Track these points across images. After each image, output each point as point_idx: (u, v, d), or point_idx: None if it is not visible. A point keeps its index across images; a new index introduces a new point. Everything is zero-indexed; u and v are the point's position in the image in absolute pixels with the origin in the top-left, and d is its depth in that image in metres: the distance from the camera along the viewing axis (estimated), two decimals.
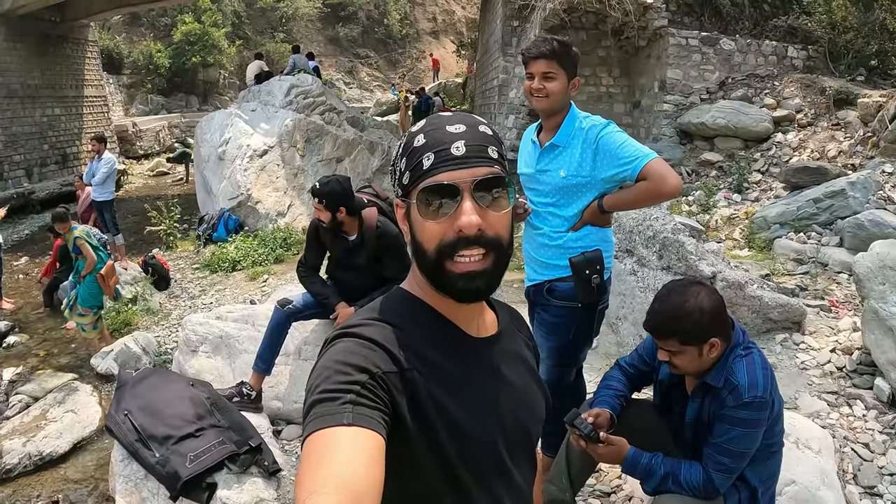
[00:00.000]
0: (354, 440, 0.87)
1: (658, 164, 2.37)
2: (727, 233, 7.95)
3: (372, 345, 1.01)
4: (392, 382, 0.99)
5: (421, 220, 1.04)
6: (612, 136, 2.45)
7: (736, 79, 10.68)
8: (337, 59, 38.73)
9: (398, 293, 1.16)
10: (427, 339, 1.08)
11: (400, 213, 1.13)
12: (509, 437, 1.14)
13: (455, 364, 1.09)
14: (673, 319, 2.04)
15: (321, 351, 1.05)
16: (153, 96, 28.19)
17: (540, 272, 2.68)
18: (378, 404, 0.94)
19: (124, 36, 29.25)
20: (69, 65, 17.81)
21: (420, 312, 1.12)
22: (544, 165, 2.60)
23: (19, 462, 4.83)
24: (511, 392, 1.17)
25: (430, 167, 1.03)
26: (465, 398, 1.07)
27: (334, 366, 0.97)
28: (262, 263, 8.79)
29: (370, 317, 1.08)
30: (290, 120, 11.18)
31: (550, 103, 2.52)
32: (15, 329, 8.23)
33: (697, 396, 2.18)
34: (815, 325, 4.42)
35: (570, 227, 2.57)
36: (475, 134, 1.06)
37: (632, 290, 4.56)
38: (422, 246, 1.06)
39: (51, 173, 16.64)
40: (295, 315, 3.78)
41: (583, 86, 12.34)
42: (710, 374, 2.12)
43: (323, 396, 0.92)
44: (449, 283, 1.05)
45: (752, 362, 2.07)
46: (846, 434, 3.30)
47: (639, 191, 2.42)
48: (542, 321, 2.73)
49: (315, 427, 0.89)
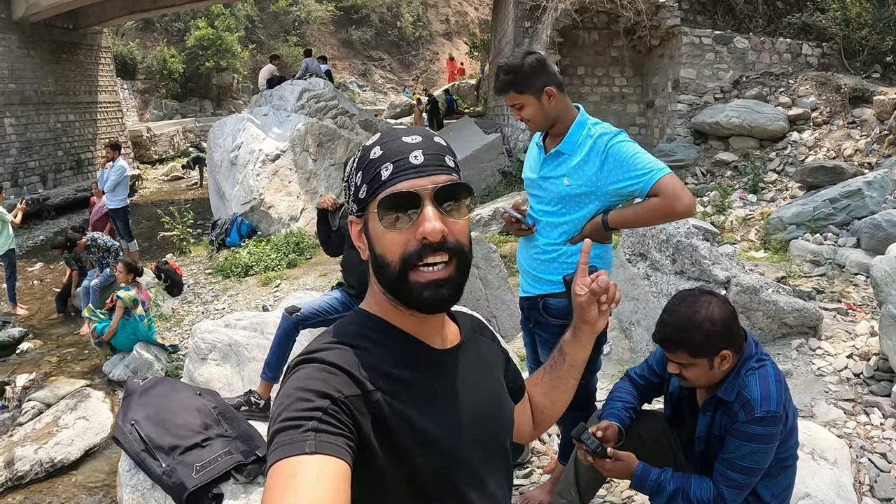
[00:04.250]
0: (318, 468, 0.86)
1: (672, 181, 2.24)
2: (742, 234, 7.85)
3: (333, 369, 0.99)
4: (355, 406, 0.97)
5: (381, 232, 1.03)
6: (624, 146, 2.32)
7: (750, 77, 10.56)
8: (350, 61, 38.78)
9: (357, 314, 1.15)
10: (390, 356, 1.06)
11: (356, 230, 1.11)
12: (481, 446, 1.14)
13: (421, 379, 1.08)
14: (683, 331, 1.97)
15: (283, 378, 1.02)
16: (167, 101, 28.35)
17: (533, 285, 2.59)
18: (341, 430, 0.92)
19: (138, 41, 29.48)
20: (83, 71, 17.95)
21: (381, 331, 1.10)
22: (548, 172, 2.49)
23: (31, 469, 4.86)
24: (480, 401, 1.17)
25: (389, 177, 1.02)
26: (434, 411, 1.06)
27: (295, 393, 0.94)
28: (275, 268, 8.80)
29: (330, 340, 1.06)
30: (303, 124, 11.19)
31: (537, 126, 2.46)
32: (29, 335, 8.28)
33: (708, 410, 2.12)
34: (832, 329, 4.33)
35: (567, 240, 2.45)
36: (431, 144, 1.06)
37: (645, 295, 4.49)
38: (384, 259, 1.04)
39: (66, 179, 16.78)
40: (303, 323, 3.74)
41: (596, 86, 12.35)
42: (721, 388, 2.05)
43: (285, 425, 0.90)
44: (414, 294, 1.03)
45: (764, 375, 2.00)
46: (863, 444, 3.21)
47: (649, 208, 2.29)
48: (543, 340, 2.65)
49: (278, 456, 0.87)
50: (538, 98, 2.38)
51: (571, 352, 1.38)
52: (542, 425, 1.47)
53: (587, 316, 1.32)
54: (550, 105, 2.39)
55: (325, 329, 1.13)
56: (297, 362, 1.02)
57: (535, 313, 2.59)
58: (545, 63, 2.39)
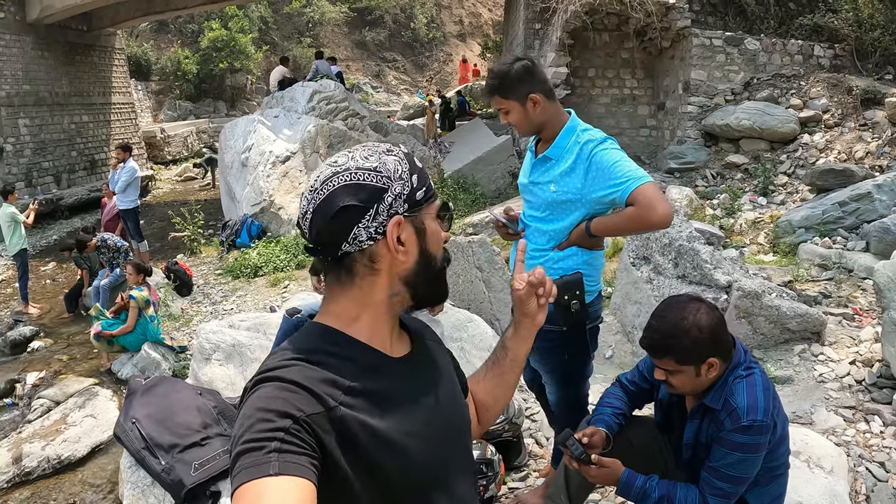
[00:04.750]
0: (283, 490, 0.86)
1: (648, 190, 2.20)
2: (752, 237, 7.79)
3: (293, 387, 0.98)
4: (318, 424, 0.96)
5: (436, 230, 1.18)
6: (607, 154, 2.30)
7: (761, 79, 10.48)
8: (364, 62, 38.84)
9: (312, 328, 1.15)
10: (350, 369, 1.06)
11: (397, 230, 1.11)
12: (448, 450, 1.17)
13: (383, 388, 1.09)
14: (669, 337, 1.96)
15: (242, 398, 1.02)
16: (181, 102, 28.53)
17: None
18: (305, 450, 0.92)
19: (152, 43, 29.68)
20: (96, 72, 18.10)
21: (338, 343, 1.10)
22: (536, 177, 2.49)
23: (38, 465, 4.92)
24: (442, 405, 1.20)
25: (431, 187, 1.18)
26: (399, 419, 1.07)
27: (256, 413, 0.94)
28: (284, 269, 8.84)
29: (287, 357, 1.05)
30: (313, 126, 11.22)
31: (522, 131, 2.47)
32: (40, 334, 8.38)
33: (696, 417, 2.10)
34: (836, 335, 4.28)
35: (555, 246, 2.45)
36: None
37: (647, 299, 4.48)
38: (433, 255, 1.18)
39: (79, 179, 16.94)
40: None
41: (606, 88, 12.30)
42: (708, 395, 2.04)
43: (247, 447, 0.90)
44: (442, 286, 1.22)
45: (752, 384, 1.98)
46: (862, 452, 3.16)
47: (625, 217, 2.27)
48: (533, 345, 2.66)
49: (242, 479, 0.87)
50: (522, 105, 2.38)
51: (513, 346, 1.43)
52: (485, 423, 1.47)
53: (527, 309, 1.39)
54: (535, 112, 2.39)
55: (282, 345, 1.12)
56: (255, 381, 1.01)
57: None
58: (533, 70, 2.38)
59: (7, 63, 14.80)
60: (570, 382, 2.63)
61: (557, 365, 2.57)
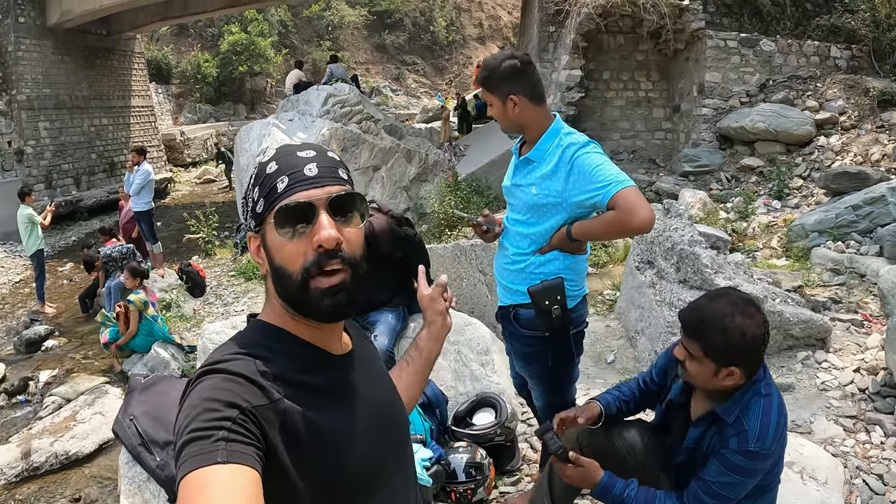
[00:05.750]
0: (231, 478, 0.86)
1: (629, 194, 2.16)
2: (765, 241, 7.69)
3: (239, 379, 0.99)
4: (263, 416, 0.97)
5: (280, 243, 1.07)
6: (589, 158, 2.26)
7: (777, 81, 10.33)
8: (384, 66, 38.96)
9: (256, 324, 1.16)
10: (293, 365, 1.07)
11: (254, 246, 1.14)
12: (388, 445, 1.19)
13: (325, 384, 1.10)
14: (708, 325, 1.87)
15: (185, 390, 1.02)
16: (201, 105, 28.81)
17: (505, 296, 2.56)
18: (251, 440, 0.93)
19: (172, 46, 30.02)
20: (116, 76, 18.36)
21: (282, 340, 1.11)
22: (519, 180, 2.47)
23: (46, 461, 5.04)
24: (381, 401, 1.22)
25: (285, 189, 1.06)
26: (341, 415, 1.10)
27: (203, 403, 0.94)
28: None
29: (232, 351, 1.06)
30: (327, 129, 11.24)
31: (503, 125, 2.45)
32: (54, 333, 8.51)
33: (702, 424, 2.04)
34: (842, 341, 4.19)
35: (537, 250, 2.41)
36: (325, 158, 1.12)
37: (650, 304, 4.43)
38: (284, 270, 1.08)
39: (98, 181, 17.18)
40: None
41: (621, 90, 12.21)
42: (723, 406, 1.96)
43: (194, 436, 0.90)
44: (314, 303, 1.07)
45: (768, 407, 1.90)
46: (860, 463, 3.07)
47: (605, 221, 2.24)
48: (516, 351, 2.62)
49: (189, 468, 0.87)
50: (503, 103, 2.37)
51: (427, 346, 1.49)
52: None
53: (438, 308, 1.48)
54: (513, 112, 2.37)
55: (226, 341, 1.13)
56: (200, 373, 1.02)
57: (508, 324, 2.56)
58: (521, 71, 2.35)
59: (27, 67, 15.07)
60: (555, 388, 2.59)
61: (542, 370, 2.53)
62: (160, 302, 7.81)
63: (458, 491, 2.86)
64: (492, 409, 3.31)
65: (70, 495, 4.73)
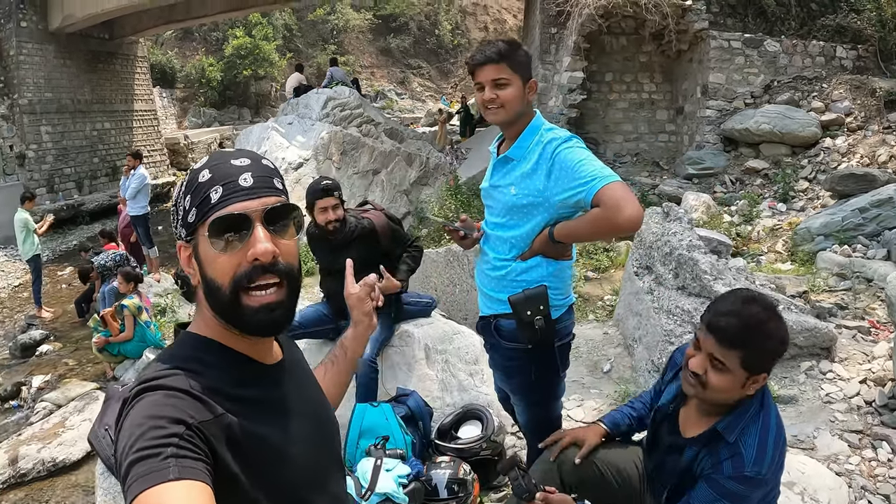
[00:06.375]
0: (185, 494, 0.85)
1: (615, 190, 2.00)
2: (769, 245, 7.53)
3: (181, 394, 0.97)
4: (209, 431, 0.96)
5: (212, 255, 1.04)
6: (571, 153, 2.10)
7: (782, 82, 10.16)
8: (388, 69, 38.93)
9: (187, 338, 1.13)
10: (229, 377, 1.06)
11: (185, 256, 1.11)
12: (323, 451, 1.21)
13: (262, 396, 1.10)
14: (754, 333, 1.67)
15: (122, 410, 0.98)
16: (206, 109, 28.84)
17: (486, 305, 2.39)
18: (199, 455, 0.91)
19: (176, 51, 30.08)
20: (119, 80, 18.35)
21: (215, 352, 1.09)
22: (497, 180, 2.29)
23: (33, 467, 4.97)
24: (315, 409, 1.24)
25: (219, 200, 1.03)
26: (281, 425, 1.10)
27: (147, 421, 0.91)
28: None
29: (168, 367, 1.03)
30: (326, 133, 11.16)
31: (507, 114, 2.19)
32: (50, 338, 8.44)
33: (697, 443, 1.83)
34: (848, 350, 4.02)
35: (518, 255, 2.24)
36: (260, 167, 1.09)
37: (647, 311, 4.28)
38: (214, 282, 1.05)
39: (101, 185, 17.16)
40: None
41: (624, 92, 12.06)
42: (724, 421, 1.77)
43: (142, 454, 0.87)
44: (247, 318, 1.05)
45: (766, 427, 1.74)
46: (865, 483, 2.89)
47: (590, 219, 2.07)
48: (497, 363, 2.45)
49: (141, 487, 0.84)
50: (523, 84, 2.19)
51: (352, 346, 1.49)
52: None
53: (365, 308, 1.48)
54: (528, 98, 2.22)
55: (157, 356, 1.10)
56: (137, 391, 0.98)
57: (489, 335, 2.39)
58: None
59: (29, 71, 15.07)
60: (538, 403, 2.42)
61: (524, 385, 2.36)
62: (155, 307, 7.71)
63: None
64: (478, 422, 3.17)
65: (55, 502, 4.67)
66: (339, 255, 3.62)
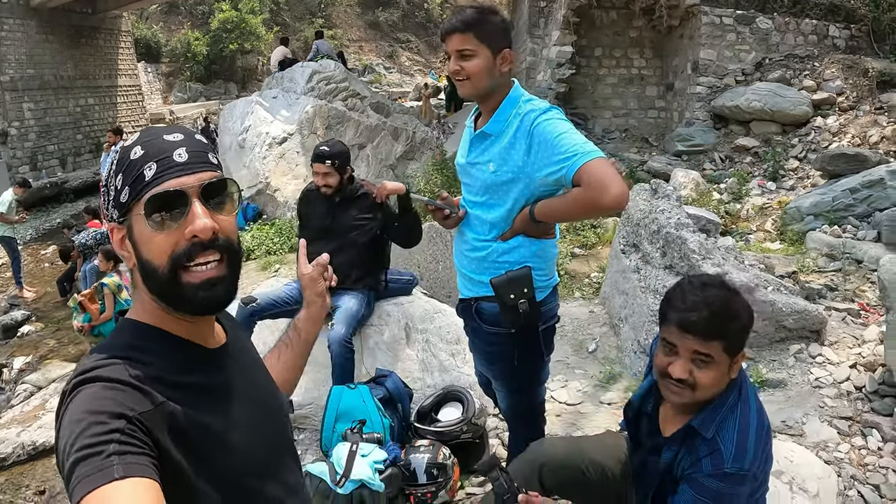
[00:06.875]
0: (132, 493, 0.82)
1: (598, 167, 1.85)
2: (759, 223, 7.47)
3: (120, 385, 0.93)
4: (150, 422, 0.92)
5: (148, 235, 1.00)
6: (551, 125, 1.95)
7: (773, 59, 10.05)
8: (377, 43, 38.52)
9: (126, 325, 1.08)
10: (170, 365, 1.02)
11: (118, 238, 1.05)
12: (274, 437, 1.18)
13: (205, 381, 1.06)
14: (725, 317, 1.58)
15: (61, 403, 0.94)
16: (191, 84, 28.49)
17: (466, 287, 2.28)
18: (143, 448, 0.89)
19: (162, 25, 29.61)
20: (102, 55, 18.06)
21: (155, 339, 1.05)
22: (475, 157, 2.15)
23: (13, 451, 4.88)
24: (262, 394, 1.20)
25: (153, 176, 0.99)
26: (225, 411, 1.06)
27: (87, 417, 0.88)
28: (277, 252, 8.66)
29: (105, 356, 0.98)
30: (311, 106, 10.99)
31: (474, 87, 2.04)
32: (31, 318, 8.32)
33: (675, 443, 1.71)
34: (838, 333, 3.95)
35: (498, 236, 2.12)
36: (193, 141, 1.05)
37: (634, 290, 4.21)
38: (151, 263, 1.00)
39: (85, 162, 16.94)
40: (259, 314, 3.53)
41: (614, 67, 11.91)
42: (699, 416, 1.65)
43: (84, 453, 0.84)
44: (188, 296, 1.01)
45: (745, 418, 1.63)
46: (855, 472, 2.81)
47: (571, 199, 1.94)
48: (478, 348, 2.35)
49: (86, 488, 0.81)
50: (494, 55, 2.02)
51: (306, 327, 1.45)
52: None
53: (318, 289, 1.45)
54: (500, 70, 2.05)
55: (96, 346, 1.05)
56: (75, 384, 0.94)
57: (469, 318, 2.29)
58: (510, 29, 2.10)
59: (11, 47, 14.78)
60: (521, 390, 2.32)
61: (507, 370, 2.26)
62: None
63: (417, 494, 2.64)
64: (459, 404, 3.09)
65: (36, 487, 4.58)
66: (336, 213, 3.58)
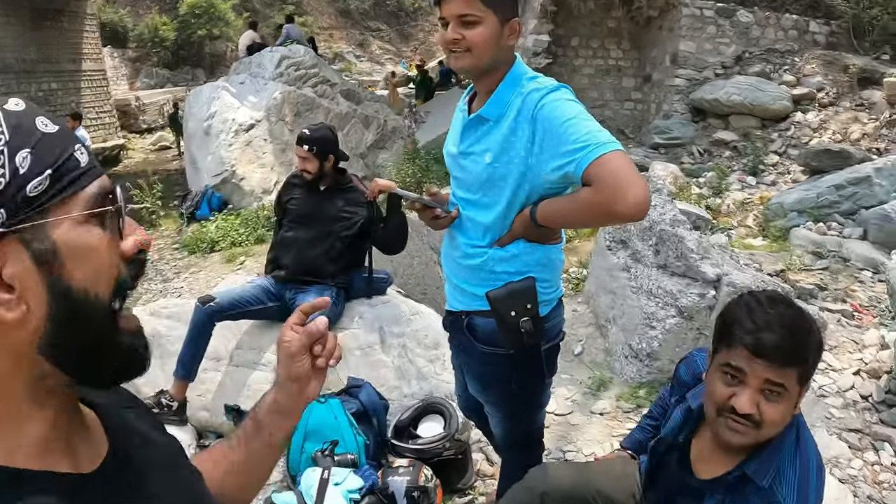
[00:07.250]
0: None
1: (614, 163, 1.50)
2: (739, 219, 7.32)
3: None
4: None
5: (92, 246, 0.63)
6: (558, 108, 1.61)
7: (753, 53, 9.99)
8: (347, 31, 38.03)
9: None
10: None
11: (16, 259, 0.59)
12: None
13: None
14: (802, 339, 1.33)
15: None
16: (158, 70, 27.78)
17: (456, 298, 1.91)
18: None
19: (129, 9, 28.82)
20: (66, 39, 17.39)
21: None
22: (468, 146, 1.79)
23: None
24: None
25: (89, 164, 0.66)
26: None
27: None
28: (242, 244, 8.27)
29: None
30: (279, 93, 10.61)
31: (475, 59, 1.66)
32: None
33: (718, 491, 1.44)
34: (837, 337, 3.75)
35: (495, 241, 1.77)
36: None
37: (623, 289, 3.95)
38: (88, 295, 0.62)
39: None
40: (218, 314, 3.21)
41: (590, 58, 11.69)
42: (753, 462, 1.39)
43: None
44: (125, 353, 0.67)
45: (806, 467, 1.38)
46: (871, 492, 2.57)
47: (579, 202, 1.60)
48: (469, 368, 1.99)
49: None
50: (501, 24, 1.66)
51: (270, 422, 0.91)
52: None
53: (296, 368, 0.89)
54: (506, 42, 1.70)
55: None
56: None
57: (459, 334, 1.93)
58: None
59: None
60: (518, 416, 1.99)
61: (502, 395, 1.92)
62: None
63: None
64: (440, 417, 2.80)
65: None
66: (321, 201, 3.37)
